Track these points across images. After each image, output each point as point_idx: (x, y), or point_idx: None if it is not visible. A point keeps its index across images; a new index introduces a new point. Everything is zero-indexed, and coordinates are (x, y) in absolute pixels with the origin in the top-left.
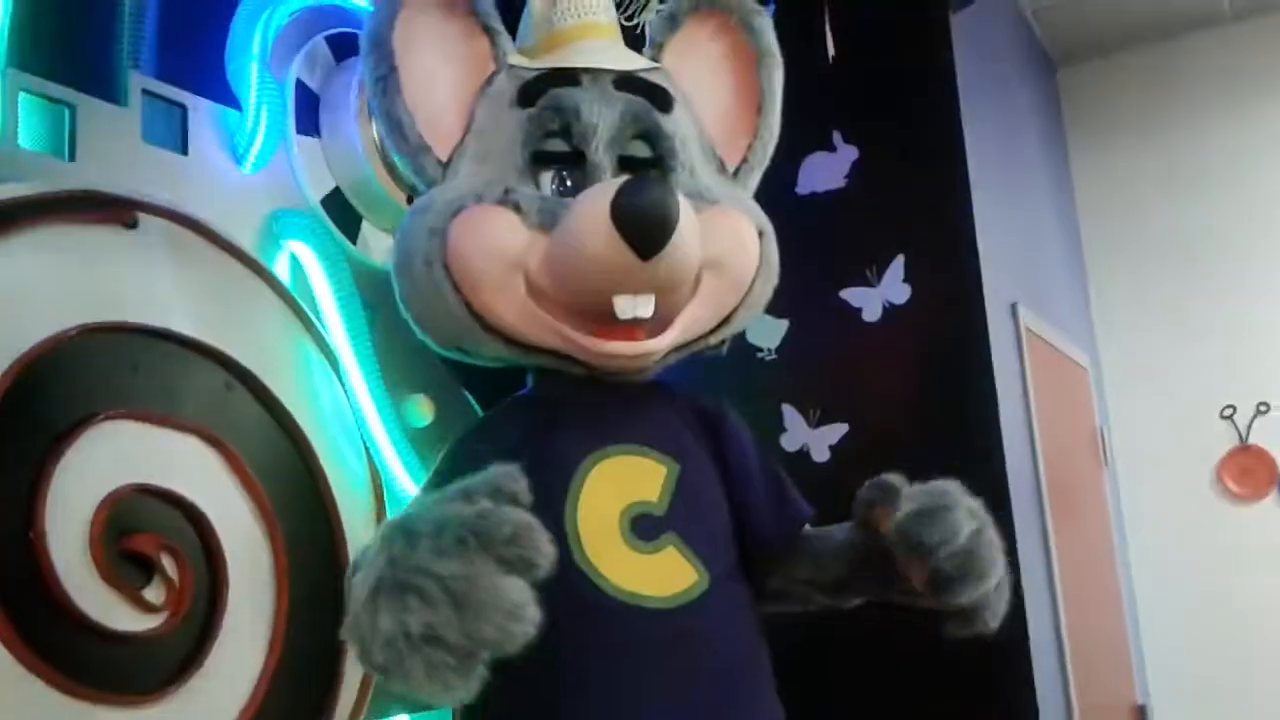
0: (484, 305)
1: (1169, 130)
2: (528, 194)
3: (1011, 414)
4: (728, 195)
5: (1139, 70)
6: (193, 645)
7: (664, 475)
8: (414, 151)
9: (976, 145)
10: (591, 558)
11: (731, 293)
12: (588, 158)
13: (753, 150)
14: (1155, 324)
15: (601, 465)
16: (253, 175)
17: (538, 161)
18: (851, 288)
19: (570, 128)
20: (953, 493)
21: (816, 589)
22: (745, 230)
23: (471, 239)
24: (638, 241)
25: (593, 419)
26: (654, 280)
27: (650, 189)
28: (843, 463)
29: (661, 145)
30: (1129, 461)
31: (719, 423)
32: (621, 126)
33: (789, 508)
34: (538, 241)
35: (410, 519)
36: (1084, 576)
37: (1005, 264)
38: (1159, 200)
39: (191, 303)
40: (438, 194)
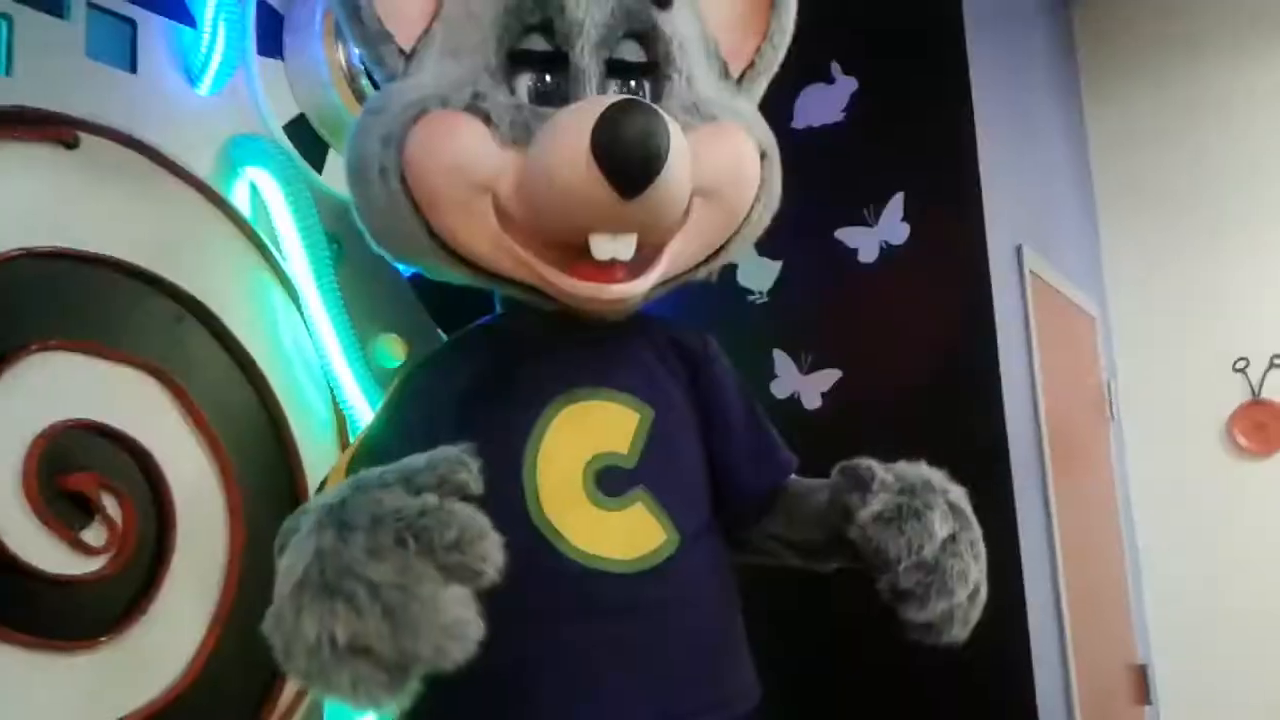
0: (446, 229)
1: (1189, 72)
2: (500, 101)
3: (1013, 363)
4: (728, 108)
5: (1159, 8)
6: (137, 590)
7: (635, 423)
8: (372, 39)
9: (983, 80)
10: (550, 515)
11: (726, 223)
12: (571, 60)
13: (761, 54)
14: (1167, 273)
15: (567, 410)
16: (209, 97)
17: (514, 61)
18: (847, 227)
19: (552, 23)
20: (931, 486)
21: (787, 547)
22: (746, 152)
23: (433, 152)
24: (620, 179)
25: (560, 357)
26: (636, 220)
27: (637, 118)
28: (835, 410)
29: (657, 48)
30: (1136, 415)
31: (701, 361)
32: (612, 25)
33: (771, 459)
34: (509, 160)
35: (344, 505)
36: (1085, 533)
37: (1010, 205)
38: (1173, 143)
39: (139, 230)
40: (396, 91)
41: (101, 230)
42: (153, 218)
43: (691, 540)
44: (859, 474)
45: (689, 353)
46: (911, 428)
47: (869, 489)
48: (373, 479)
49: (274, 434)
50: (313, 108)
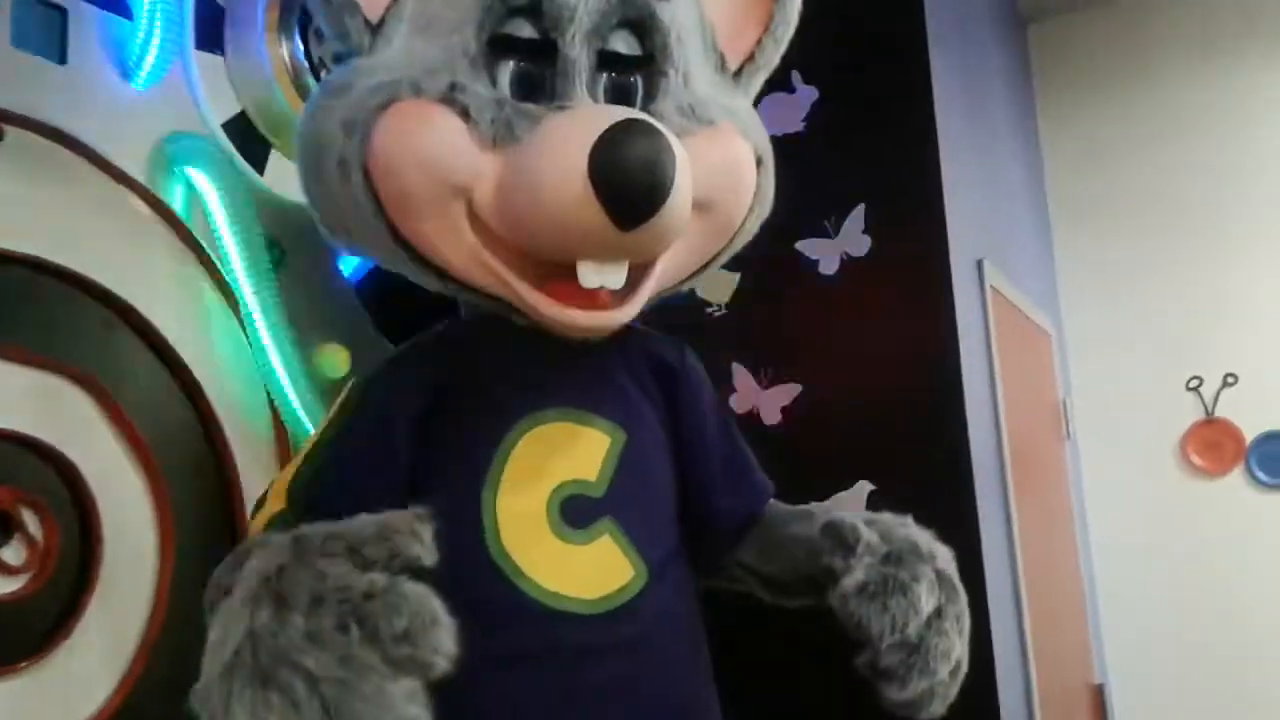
0: (413, 233)
1: (1141, 90)
2: (480, 94)
3: (975, 379)
4: (725, 110)
5: (1112, 27)
6: (60, 612)
7: (606, 447)
8: (336, 8)
9: (945, 93)
10: (511, 551)
11: (719, 235)
12: (560, 49)
13: (761, 47)
14: (1120, 290)
15: (533, 433)
16: (144, 92)
17: (495, 48)
18: (808, 239)
19: (541, 6)
20: (919, 553)
21: (755, 579)
22: (743, 161)
23: (403, 148)
24: (619, 210)
25: (528, 374)
26: (631, 249)
27: (641, 143)
28: (795, 425)
29: (654, 40)
30: (1090, 434)
31: (677, 378)
32: (606, 11)
33: (747, 485)
34: (488, 163)
35: (283, 576)
36: (1045, 553)
37: (971, 219)
38: (1128, 163)
39: (67, 229)
40: (361, 70)
41: (26, 229)
42: (82, 217)
43: (658, 573)
44: (843, 534)
45: (665, 368)
46: (873, 444)
47: (852, 552)
48: (315, 540)
49: (209, 448)
50: (254, 105)
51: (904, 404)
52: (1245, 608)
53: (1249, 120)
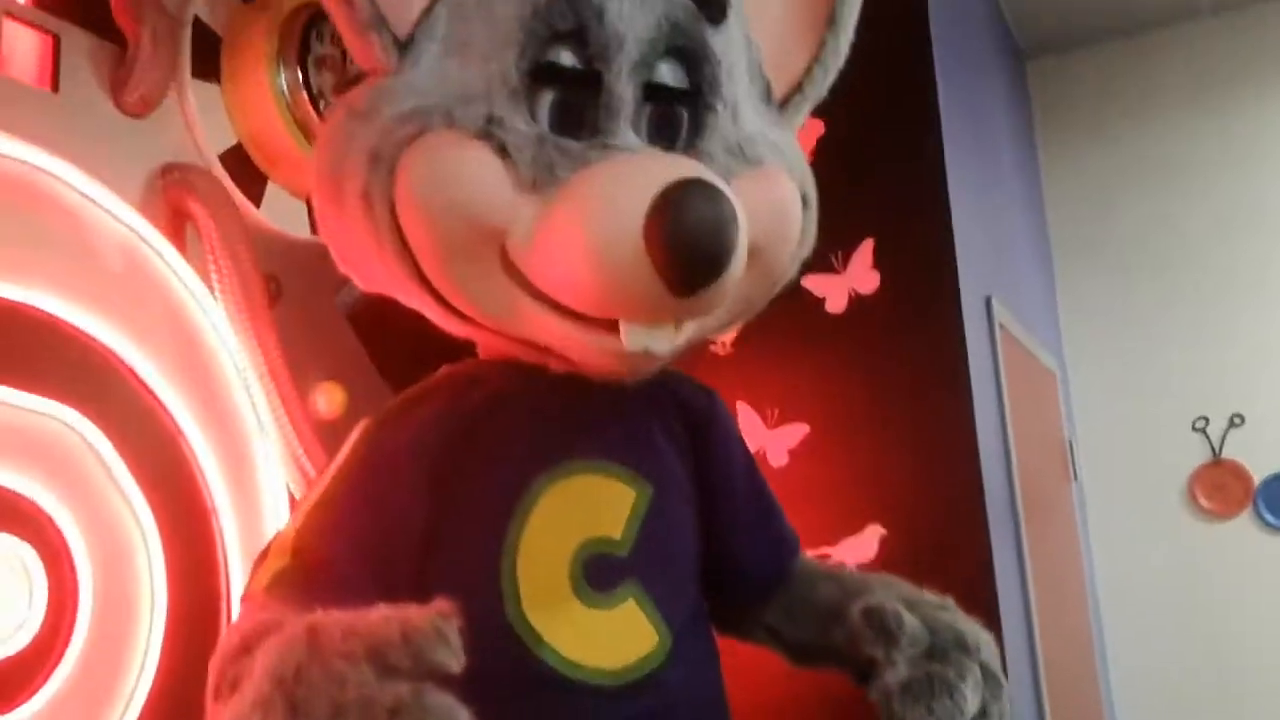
0: (441, 276)
1: (1142, 128)
2: (519, 130)
3: (986, 420)
4: (772, 147)
5: (1112, 65)
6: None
7: (631, 501)
8: (363, 25)
9: (951, 126)
10: (531, 617)
11: (763, 284)
12: (605, 82)
13: (810, 76)
14: (1124, 330)
15: (556, 487)
16: (138, 122)
17: (536, 77)
18: (815, 274)
19: (587, 33)
20: (965, 646)
21: (778, 642)
22: (792, 207)
23: (435, 186)
24: (677, 278)
25: (552, 422)
26: (681, 312)
27: (704, 210)
28: (803, 468)
29: (702, 72)
30: (1096, 475)
31: (706, 427)
32: (654, 40)
33: (775, 541)
34: (526, 205)
35: (299, 679)
36: (1055, 595)
37: (979, 255)
38: (1130, 201)
39: (55, 264)
40: (387, 92)
41: (13, 263)
42: (71, 251)
43: (681, 637)
44: (885, 623)
45: (693, 415)
46: (884, 486)
47: (896, 644)
48: (333, 636)
49: (202, 494)
50: (252, 136)
51: (915, 445)
52: (1254, 651)
53: (1249, 160)
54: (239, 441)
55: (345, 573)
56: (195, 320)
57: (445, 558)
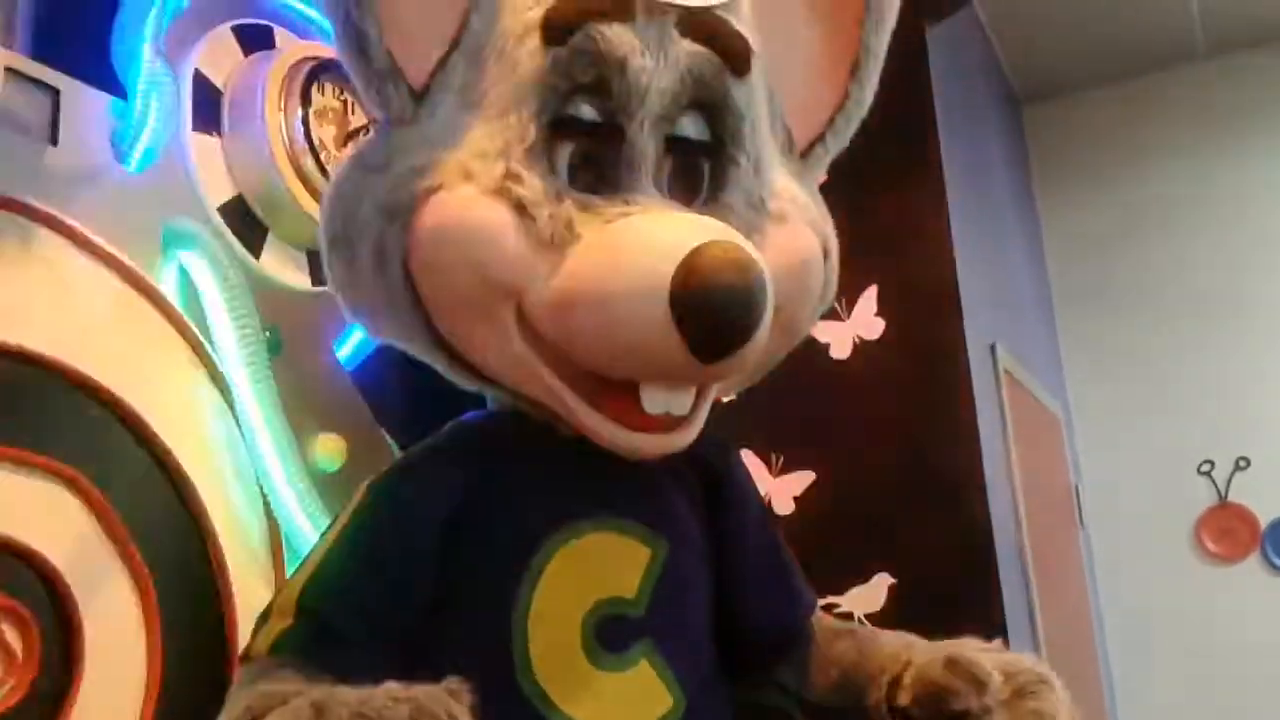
0: (456, 335)
1: (1140, 172)
2: (537, 186)
3: (994, 466)
4: (795, 201)
5: (1109, 109)
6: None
7: (646, 559)
8: (377, 77)
9: (953, 174)
10: (543, 682)
11: (783, 342)
12: (627, 136)
13: (834, 126)
14: (1128, 373)
15: (569, 547)
16: (137, 175)
17: (554, 129)
18: (819, 321)
19: (609, 85)
20: (1047, 682)
21: (791, 700)
22: (814, 262)
23: (449, 244)
24: (704, 347)
25: (564, 479)
26: (703, 378)
27: (732, 278)
28: (809, 515)
29: (726, 125)
30: (1102, 520)
31: (722, 481)
32: (678, 93)
33: (791, 599)
34: (544, 263)
35: None
36: (1064, 644)
37: (983, 301)
38: (1130, 244)
39: (52, 317)
40: (402, 145)
41: (12, 317)
42: (69, 303)
43: (696, 698)
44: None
45: (709, 468)
46: (892, 534)
47: (988, 691)
48: (340, 717)
49: (201, 550)
50: (252, 188)
51: (922, 492)
52: (1265, 695)
53: (1247, 200)
54: (238, 494)
55: (350, 636)
56: (195, 373)
57: (454, 620)
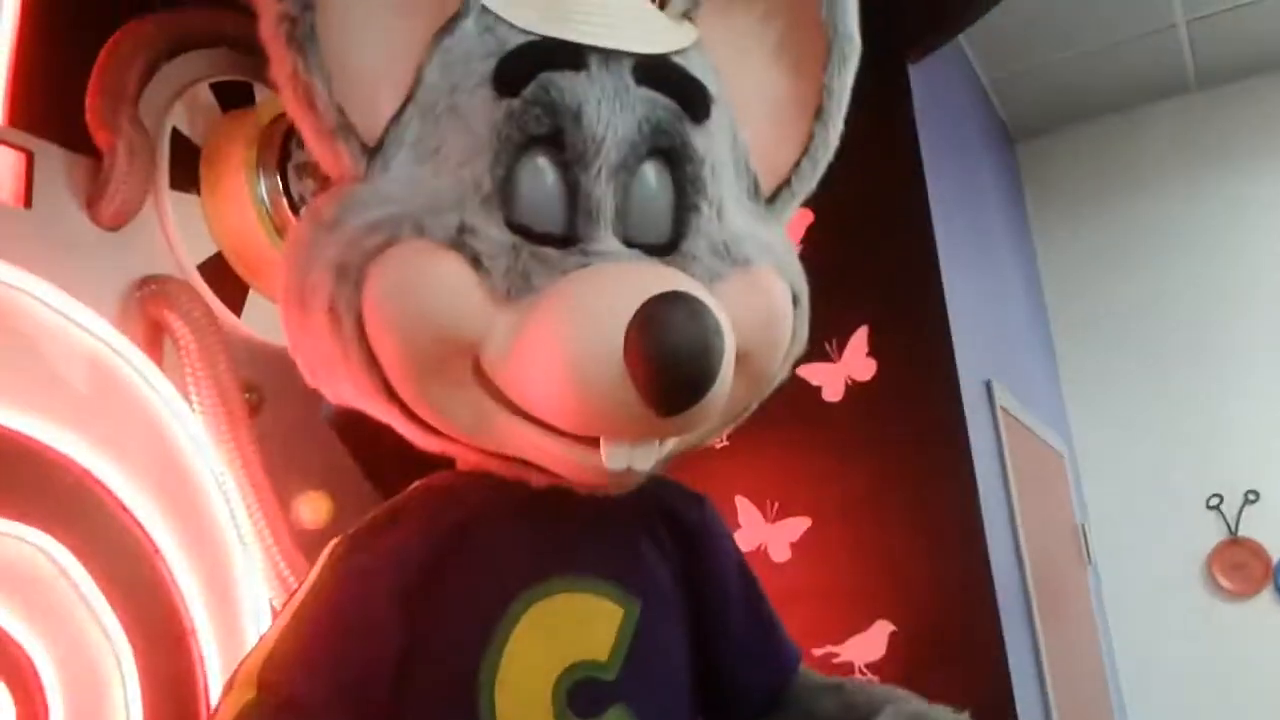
0: (412, 394)
1: (1134, 204)
2: (493, 238)
3: (992, 506)
4: (760, 245)
5: (1101, 142)
6: None
7: (619, 620)
8: (328, 131)
9: (942, 212)
10: None
11: (751, 390)
12: (583, 185)
13: (799, 170)
14: (1132, 407)
15: (537, 608)
16: (114, 235)
17: (510, 183)
18: (810, 364)
19: (564, 136)
20: None
21: None
22: (781, 308)
23: (403, 299)
24: (660, 400)
25: (532, 536)
26: (665, 430)
27: (688, 328)
28: (806, 562)
29: (685, 170)
30: (1111, 558)
31: (697, 535)
32: (636, 142)
33: (773, 655)
34: (499, 317)
35: None
36: (1072, 687)
37: (976, 338)
38: (1127, 277)
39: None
40: (355, 200)
41: None
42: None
43: None
44: None
45: (683, 524)
46: (891, 579)
47: None
48: None
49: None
50: (232, 244)
51: (921, 535)
52: None
53: (1242, 230)
54: (220, 558)
55: (314, 708)
56: (173, 434)
57: (420, 687)
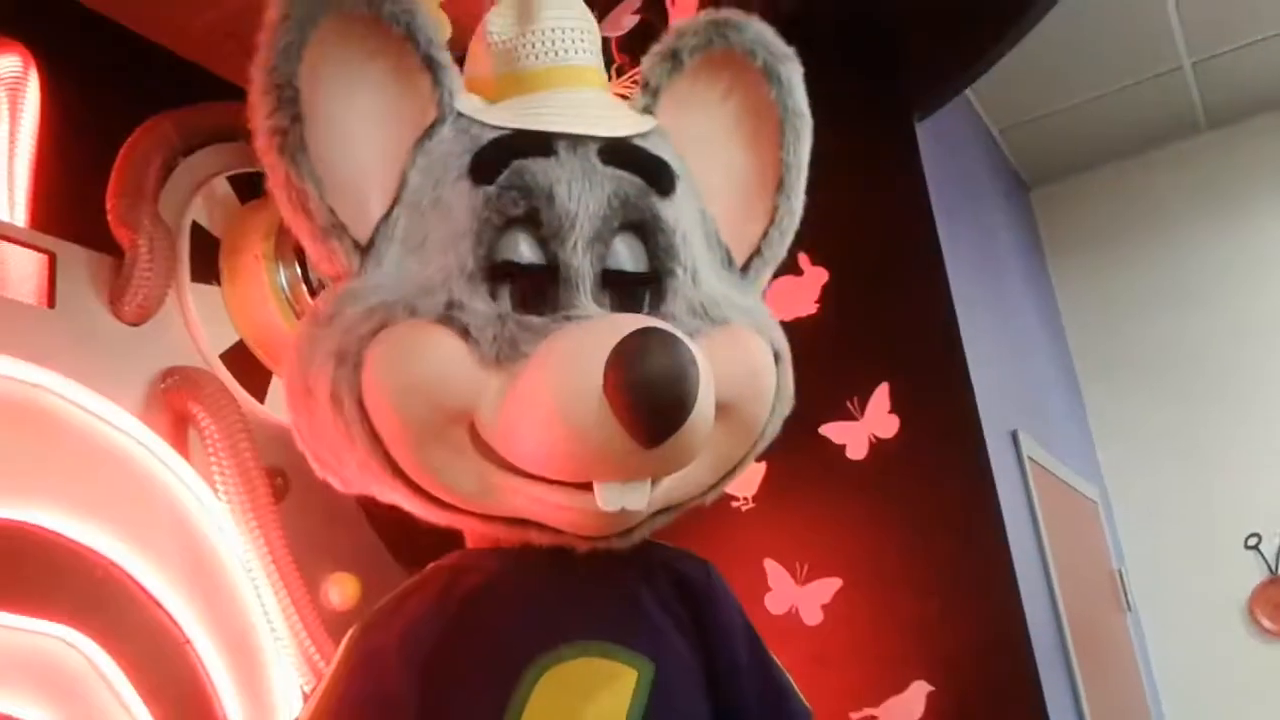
0: (413, 465)
1: (1151, 246)
2: (479, 311)
3: (1024, 558)
4: (737, 307)
5: (1115, 186)
6: None
7: (634, 683)
8: (321, 232)
9: (956, 264)
10: None
11: (741, 441)
12: (561, 259)
13: (768, 239)
14: (1163, 450)
15: (552, 673)
16: (137, 329)
17: (493, 263)
18: (832, 422)
19: (539, 215)
20: None
21: None
22: (760, 361)
23: (399, 373)
24: (641, 428)
25: (542, 604)
26: (653, 467)
27: (661, 357)
28: (839, 624)
29: (658, 241)
30: (1150, 603)
31: (705, 602)
32: (607, 216)
33: (786, 715)
34: (491, 382)
35: None
36: None
37: (999, 389)
38: (1150, 319)
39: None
40: (350, 295)
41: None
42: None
43: None
44: None
45: (690, 588)
46: (927, 637)
47: None
48: None
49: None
50: (254, 331)
51: (953, 591)
52: None
53: (1261, 268)
54: (250, 645)
55: None
56: (200, 524)
57: None
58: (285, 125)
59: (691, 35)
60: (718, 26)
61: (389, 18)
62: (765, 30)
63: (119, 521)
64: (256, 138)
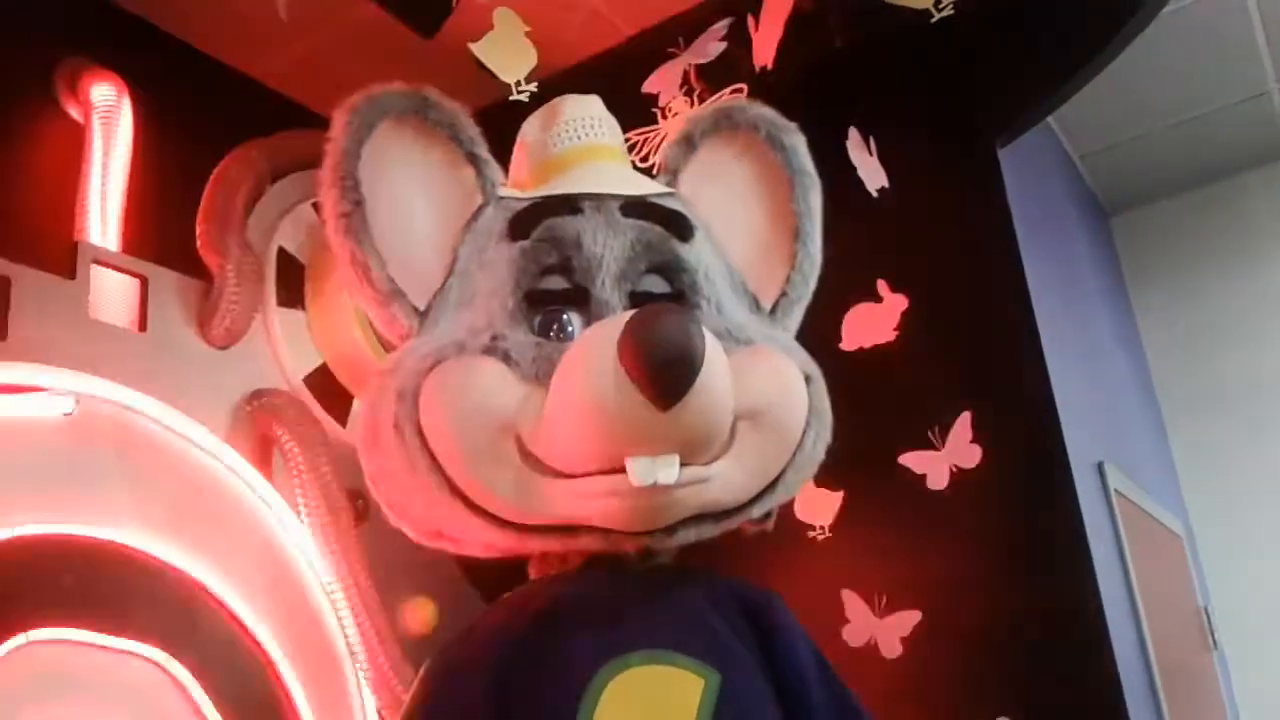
0: (468, 481)
1: (1235, 272)
2: (520, 340)
3: (1112, 593)
4: (763, 334)
5: (1197, 213)
6: None
7: (701, 690)
8: (384, 299)
9: (1039, 291)
10: None
11: (776, 449)
12: (592, 294)
13: (791, 283)
14: (1249, 483)
15: (620, 680)
16: (224, 352)
17: (532, 303)
18: (912, 452)
19: (571, 261)
20: None
21: None
22: (788, 372)
23: (450, 397)
24: (653, 385)
25: (607, 616)
26: (676, 434)
27: (665, 317)
28: (919, 657)
29: (681, 279)
30: (1237, 642)
31: (769, 624)
32: (632, 258)
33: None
34: (531, 395)
35: None
36: None
37: (1085, 418)
38: (1233, 347)
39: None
40: (410, 349)
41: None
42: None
43: None
44: None
45: (755, 610)
46: (1009, 671)
47: None
48: None
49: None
50: (336, 355)
51: (1037, 625)
52: None
53: None
54: (330, 668)
55: None
56: (282, 545)
57: None
58: (349, 210)
59: (702, 122)
60: (724, 112)
61: (434, 123)
62: (766, 109)
63: (206, 543)
64: (326, 223)
